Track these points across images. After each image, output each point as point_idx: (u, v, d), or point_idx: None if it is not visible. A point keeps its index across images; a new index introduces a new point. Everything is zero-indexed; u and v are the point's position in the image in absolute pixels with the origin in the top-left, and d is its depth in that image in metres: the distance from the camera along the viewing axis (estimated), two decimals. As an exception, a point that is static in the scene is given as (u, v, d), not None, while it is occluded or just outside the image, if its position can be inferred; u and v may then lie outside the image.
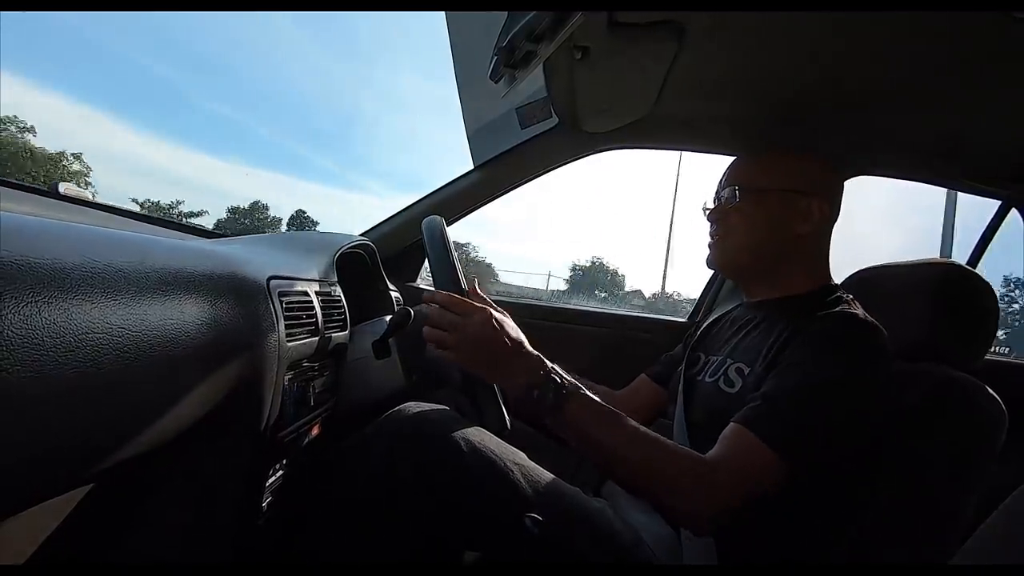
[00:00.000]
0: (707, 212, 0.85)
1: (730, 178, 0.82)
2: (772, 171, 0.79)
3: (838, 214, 0.81)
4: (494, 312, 0.65)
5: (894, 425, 0.69)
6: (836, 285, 0.79)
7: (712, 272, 1.42)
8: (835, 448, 0.63)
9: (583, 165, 1.28)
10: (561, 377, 0.62)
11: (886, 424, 0.68)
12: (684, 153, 1.29)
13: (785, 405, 0.61)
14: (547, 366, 0.63)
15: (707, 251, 0.85)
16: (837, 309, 0.70)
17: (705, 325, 0.92)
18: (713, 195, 0.86)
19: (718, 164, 0.90)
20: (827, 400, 0.61)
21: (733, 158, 0.86)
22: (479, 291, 0.73)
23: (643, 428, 0.62)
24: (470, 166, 1.28)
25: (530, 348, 0.65)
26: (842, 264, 0.85)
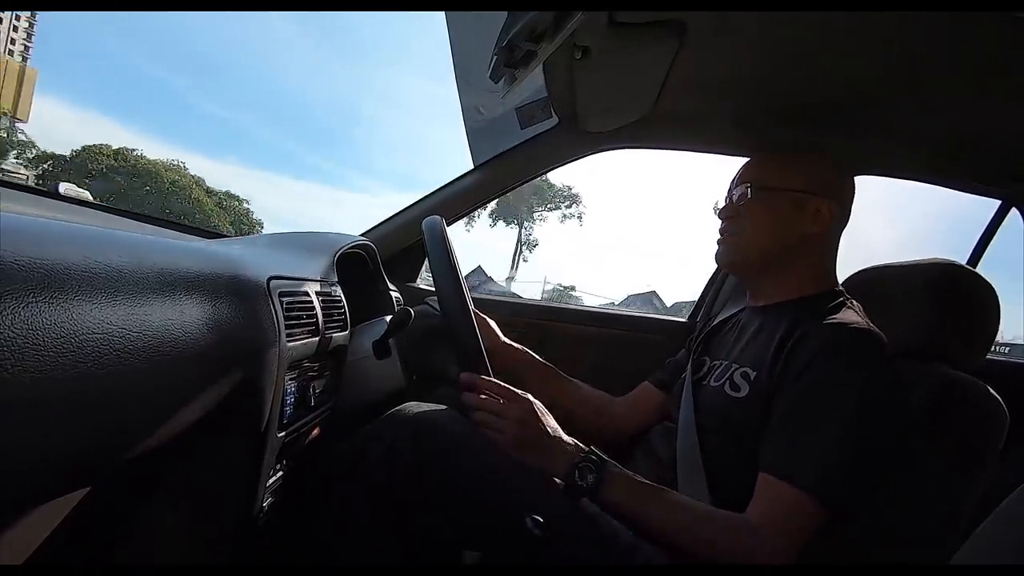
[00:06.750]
0: (718, 210, 0.85)
1: (742, 177, 0.82)
2: (783, 171, 0.79)
3: (848, 218, 0.81)
4: (534, 400, 0.69)
5: (896, 425, 0.69)
6: (840, 290, 0.79)
7: (712, 272, 1.42)
8: (866, 469, 0.63)
9: (582, 165, 1.29)
10: (600, 457, 0.65)
11: (891, 425, 0.68)
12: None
13: (814, 445, 0.62)
14: (585, 448, 0.66)
15: (716, 248, 0.86)
16: (838, 317, 0.70)
17: (709, 329, 0.91)
18: (726, 193, 0.86)
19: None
20: (849, 427, 0.62)
21: (734, 158, 0.86)
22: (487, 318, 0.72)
23: (683, 499, 0.65)
24: (469, 165, 1.28)
25: (564, 435, 0.68)
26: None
